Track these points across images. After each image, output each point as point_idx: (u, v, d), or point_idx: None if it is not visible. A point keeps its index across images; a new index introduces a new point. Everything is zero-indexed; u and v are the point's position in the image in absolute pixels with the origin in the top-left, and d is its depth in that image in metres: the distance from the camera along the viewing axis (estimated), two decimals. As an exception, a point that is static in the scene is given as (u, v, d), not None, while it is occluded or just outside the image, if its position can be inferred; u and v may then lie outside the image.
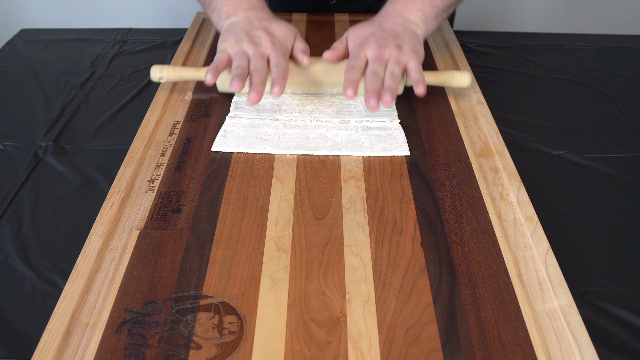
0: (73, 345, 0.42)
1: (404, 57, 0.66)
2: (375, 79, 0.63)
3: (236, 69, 0.64)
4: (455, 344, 0.42)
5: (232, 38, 0.69)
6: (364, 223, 0.53)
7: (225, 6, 0.75)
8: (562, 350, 0.42)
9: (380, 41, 0.67)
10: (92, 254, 0.50)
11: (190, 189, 0.58)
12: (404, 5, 0.74)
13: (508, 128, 0.72)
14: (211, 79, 0.63)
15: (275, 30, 0.71)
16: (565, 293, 0.46)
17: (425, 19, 0.74)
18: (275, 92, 0.61)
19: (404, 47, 0.67)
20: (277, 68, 0.64)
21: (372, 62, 0.65)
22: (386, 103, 0.61)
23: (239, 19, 0.72)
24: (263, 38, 0.68)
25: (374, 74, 0.63)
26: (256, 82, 0.62)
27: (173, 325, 0.43)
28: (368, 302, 0.45)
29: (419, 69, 0.65)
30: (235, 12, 0.74)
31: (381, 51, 0.66)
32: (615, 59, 0.92)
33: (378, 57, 0.66)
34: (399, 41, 0.68)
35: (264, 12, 0.75)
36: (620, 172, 0.65)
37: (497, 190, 0.58)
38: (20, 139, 0.71)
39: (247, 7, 0.74)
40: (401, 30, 0.70)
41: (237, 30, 0.70)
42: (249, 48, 0.67)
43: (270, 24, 0.72)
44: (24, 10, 1.67)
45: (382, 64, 0.65)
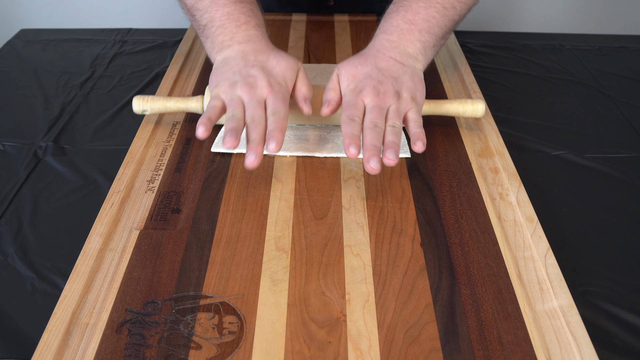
0: (73, 345, 0.42)
1: (403, 106, 0.60)
2: (375, 132, 0.56)
3: (230, 120, 0.56)
4: (455, 344, 0.42)
5: (225, 82, 0.61)
6: (363, 223, 0.53)
7: (220, 35, 0.66)
8: (562, 350, 0.42)
9: (378, 86, 0.60)
10: (92, 254, 0.50)
11: (190, 189, 0.58)
12: (400, 36, 0.66)
13: (508, 128, 0.72)
14: (203, 133, 0.55)
15: (273, 67, 0.62)
16: (565, 293, 0.46)
17: (424, 50, 0.66)
18: (272, 149, 0.54)
19: (402, 94, 0.61)
20: (274, 117, 0.57)
21: (371, 111, 0.58)
22: (390, 163, 0.54)
23: (234, 54, 0.64)
24: (259, 78, 0.60)
25: (373, 126, 0.57)
26: (254, 139, 0.55)
27: (173, 325, 0.43)
28: (368, 302, 0.45)
29: (419, 122, 0.59)
30: (230, 43, 0.65)
31: (380, 99, 0.60)
32: (615, 59, 0.92)
33: (377, 106, 0.59)
34: (398, 86, 0.61)
35: (261, 43, 0.65)
36: (620, 172, 0.65)
37: (497, 190, 0.58)
38: (20, 139, 0.71)
39: (243, 38, 0.65)
40: (399, 70, 0.63)
41: (230, 72, 0.62)
42: (244, 93, 0.59)
43: (268, 59, 0.63)
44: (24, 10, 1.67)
45: (382, 114, 0.59)
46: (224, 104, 0.60)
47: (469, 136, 0.66)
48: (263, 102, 0.59)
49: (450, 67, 0.82)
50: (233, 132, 0.54)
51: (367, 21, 0.97)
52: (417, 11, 0.67)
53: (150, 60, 0.90)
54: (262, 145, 0.55)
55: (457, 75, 0.80)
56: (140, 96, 0.66)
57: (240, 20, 0.67)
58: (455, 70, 0.81)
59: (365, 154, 0.54)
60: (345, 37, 0.92)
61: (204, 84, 0.77)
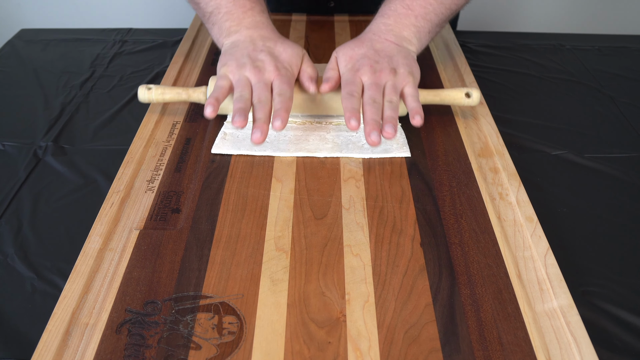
0: (73, 345, 0.42)
1: (400, 81, 0.63)
2: (374, 107, 0.59)
3: (238, 101, 0.60)
4: (454, 344, 0.42)
5: (233, 62, 0.64)
6: (363, 223, 0.53)
7: (227, 21, 0.69)
8: (562, 351, 0.42)
9: (375, 65, 0.64)
10: (91, 254, 0.50)
11: (190, 189, 0.58)
12: (397, 20, 0.69)
13: (508, 128, 0.72)
14: (211, 113, 0.58)
15: (280, 53, 0.66)
16: (564, 293, 0.46)
17: (419, 34, 0.69)
18: (277, 127, 0.57)
19: (399, 70, 0.64)
20: (281, 97, 0.60)
21: (369, 88, 0.62)
22: (389, 136, 0.58)
23: (242, 39, 0.67)
24: (267, 62, 0.64)
25: (372, 102, 0.60)
26: (260, 118, 0.58)
27: (173, 325, 0.43)
28: (368, 302, 0.45)
29: (416, 96, 0.62)
30: (237, 29, 0.69)
31: (377, 76, 0.63)
32: (615, 59, 0.92)
33: (375, 83, 0.62)
34: (394, 64, 0.64)
35: (268, 30, 0.69)
36: (620, 172, 0.65)
37: (497, 190, 0.58)
38: (20, 139, 0.71)
39: (250, 24, 0.69)
40: (394, 50, 0.66)
41: (239, 53, 0.65)
42: (252, 75, 0.63)
43: (275, 46, 0.67)
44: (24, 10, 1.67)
45: (380, 90, 0.62)
46: (231, 84, 0.63)
47: (468, 136, 0.66)
48: (270, 85, 0.62)
49: (450, 67, 0.82)
50: (242, 112, 0.58)
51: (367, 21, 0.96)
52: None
53: (150, 60, 0.90)
54: (268, 124, 0.58)
55: (457, 75, 0.80)
56: (144, 85, 0.68)
57: (246, 7, 0.70)
58: (455, 70, 0.81)
59: (366, 128, 0.58)
60: (345, 37, 0.92)
61: (204, 83, 0.77)
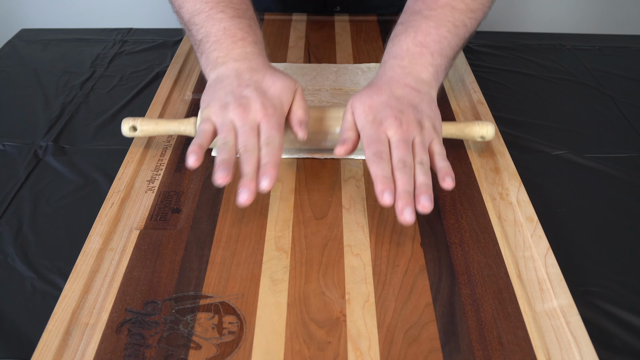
0: (73, 345, 0.42)
1: (427, 137, 0.55)
2: (406, 175, 0.51)
3: (221, 150, 0.52)
4: (454, 344, 0.42)
5: (216, 103, 0.57)
6: (363, 223, 0.53)
7: (214, 51, 0.62)
8: (562, 350, 0.42)
9: (400, 116, 0.55)
10: (91, 254, 0.50)
11: (190, 189, 0.58)
12: (412, 61, 0.60)
13: (508, 128, 0.72)
14: (195, 163, 0.51)
15: (269, 88, 0.58)
16: (565, 293, 0.46)
17: (437, 74, 0.62)
18: (264, 187, 0.49)
19: (425, 123, 0.56)
20: (268, 148, 0.52)
21: (397, 147, 0.53)
22: (425, 210, 0.49)
23: (227, 72, 0.60)
24: (252, 100, 0.56)
25: (403, 166, 0.51)
26: (247, 173, 0.50)
27: (173, 325, 0.43)
28: (368, 302, 0.45)
29: (443, 154, 0.54)
30: (224, 60, 0.61)
31: (403, 131, 0.54)
32: (615, 59, 0.92)
33: (403, 140, 0.53)
34: (419, 115, 0.56)
35: (258, 62, 0.61)
36: (620, 172, 0.65)
37: (497, 190, 0.58)
38: (20, 139, 0.71)
39: (238, 55, 0.61)
40: (416, 98, 0.58)
41: (222, 91, 0.58)
42: (236, 116, 0.55)
43: (264, 79, 0.58)
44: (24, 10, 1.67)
45: (409, 148, 0.53)
46: (215, 128, 0.56)
47: (469, 136, 0.66)
48: (256, 128, 0.55)
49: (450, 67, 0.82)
50: (225, 165, 0.50)
51: (367, 21, 0.97)
52: (427, 32, 0.62)
53: (150, 60, 0.90)
54: (255, 181, 0.50)
55: (457, 76, 0.80)
56: (129, 118, 0.62)
57: (237, 36, 0.62)
58: (456, 70, 0.81)
59: (399, 203, 0.49)
60: (346, 37, 0.92)
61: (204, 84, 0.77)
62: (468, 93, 0.75)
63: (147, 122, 0.63)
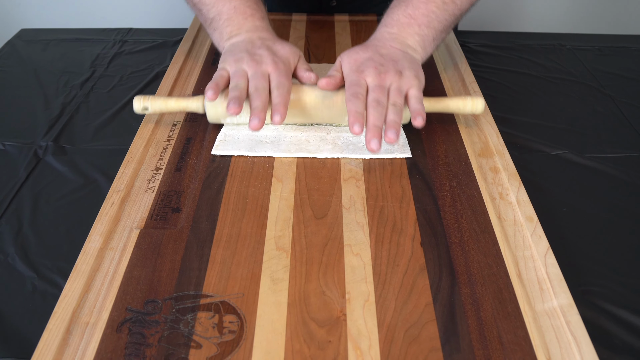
0: (73, 344, 0.42)
1: (405, 83, 0.62)
2: (377, 112, 0.58)
3: (233, 90, 0.60)
4: (455, 344, 0.42)
5: (231, 58, 0.65)
6: (363, 223, 0.53)
7: (228, 27, 0.71)
8: (562, 350, 0.42)
9: (380, 67, 0.63)
10: (92, 253, 0.50)
11: (190, 188, 0.58)
12: (400, 29, 0.69)
13: (508, 128, 0.72)
14: (213, 96, 0.59)
15: (278, 50, 0.67)
16: (564, 293, 0.46)
17: (423, 43, 0.69)
18: (276, 121, 0.58)
19: (404, 72, 0.63)
20: (279, 91, 0.60)
21: (374, 90, 0.61)
22: (390, 141, 0.57)
23: (241, 40, 0.69)
24: (265, 56, 0.65)
25: (376, 104, 0.59)
26: (257, 106, 0.58)
27: (173, 324, 0.43)
28: (368, 302, 0.45)
29: (419, 98, 0.61)
30: (238, 32, 0.70)
31: (381, 77, 0.62)
32: (615, 59, 0.92)
33: (379, 85, 0.61)
34: (399, 66, 0.63)
35: (268, 33, 0.71)
36: (620, 172, 0.65)
37: (497, 190, 0.58)
38: (20, 139, 0.71)
39: (250, 28, 0.71)
40: (400, 55, 0.66)
41: (237, 50, 0.67)
42: (249, 67, 0.63)
43: (274, 44, 0.68)
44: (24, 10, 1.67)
45: (384, 92, 0.61)
46: (229, 75, 0.64)
47: (469, 136, 0.66)
48: (267, 76, 0.63)
49: (451, 67, 0.82)
50: (236, 99, 0.58)
51: (367, 21, 0.97)
52: (417, 6, 0.69)
53: (150, 60, 0.90)
54: (265, 112, 0.59)
55: (457, 75, 0.80)
56: (140, 96, 0.66)
57: (246, 13, 0.71)
58: (456, 70, 0.81)
59: (368, 134, 0.58)
60: (346, 37, 0.92)
61: (204, 83, 0.77)
62: (468, 93, 0.75)
63: (158, 100, 0.66)
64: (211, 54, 0.85)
